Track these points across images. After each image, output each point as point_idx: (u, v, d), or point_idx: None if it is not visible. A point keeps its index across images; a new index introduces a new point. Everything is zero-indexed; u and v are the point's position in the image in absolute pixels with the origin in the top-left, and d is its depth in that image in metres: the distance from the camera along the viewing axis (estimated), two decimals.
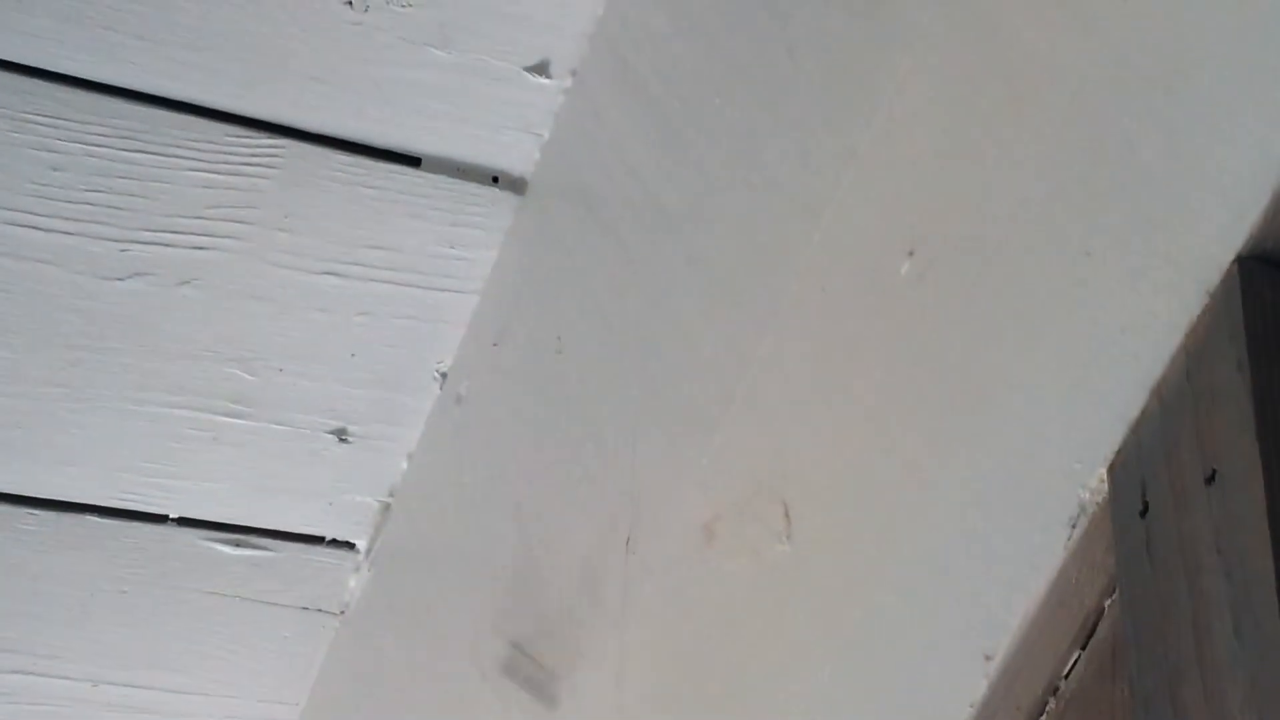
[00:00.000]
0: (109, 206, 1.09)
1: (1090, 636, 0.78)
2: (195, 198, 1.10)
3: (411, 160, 1.13)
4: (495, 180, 1.15)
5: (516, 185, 1.15)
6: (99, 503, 1.18)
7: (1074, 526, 0.77)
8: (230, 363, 1.15)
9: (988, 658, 0.80)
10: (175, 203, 1.10)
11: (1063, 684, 0.79)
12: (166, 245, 1.10)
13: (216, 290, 1.12)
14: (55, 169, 1.06)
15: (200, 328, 1.13)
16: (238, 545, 1.23)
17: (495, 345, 1.15)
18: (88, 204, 1.08)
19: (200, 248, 1.11)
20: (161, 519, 1.20)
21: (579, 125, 1.12)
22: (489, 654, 1.09)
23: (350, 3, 1.05)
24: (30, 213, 1.07)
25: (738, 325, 0.97)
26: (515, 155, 1.14)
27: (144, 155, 1.08)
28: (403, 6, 1.06)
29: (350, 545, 1.25)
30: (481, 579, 1.14)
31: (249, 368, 1.16)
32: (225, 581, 1.24)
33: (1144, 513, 0.74)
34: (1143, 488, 0.74)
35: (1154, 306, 0.75)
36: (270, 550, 1.24)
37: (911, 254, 0.86)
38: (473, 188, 1.14)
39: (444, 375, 1.19)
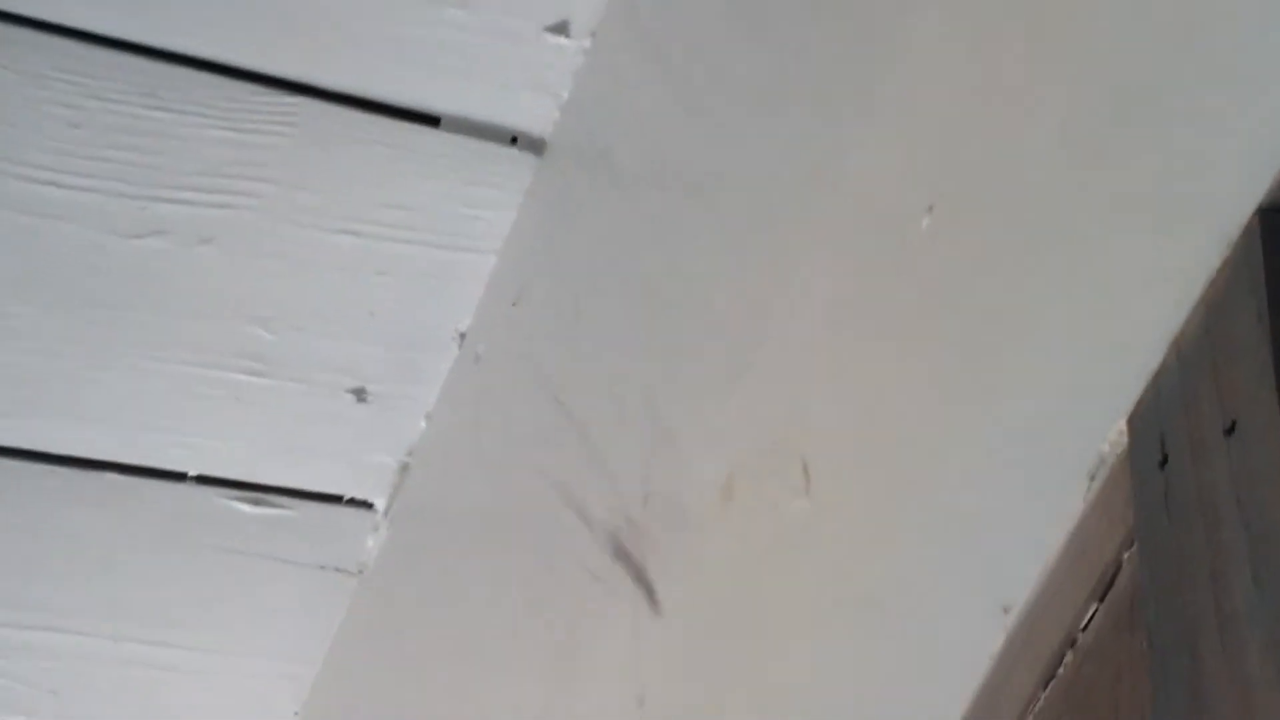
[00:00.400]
0: (128, 164, 1.09)
1: (1109, 589, 0.78)
2: (214, 156, 1.10)
3: (430, 120, 1.13)
4: (514, 140, 1.15)
5: (535, 145, 1.15)
6: (118, 460, 1.19)
7: (1093, 479, 0.77)
8: (249, 321, 1.15)
9: (1006, 610, 0.80)
10: (194, 161, 1.10)
11: (1080, 636, 0.79)
12: (185, 204, 1.10)
13: (235, 249, 1.13)
14: (74, 126, 1.07)
15: (219, 286, 1.14)
16: (256, 504, 1.23)
17: (514, 305, 1.15)
18: (106, 161, 1.08)
19: (219, 206, 1.11)
20: (180, 477, 1.20)
21: (598, 85, 1.12)
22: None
23: None
24: (49, 170, 1.07)
25: (756, 284, 0.97)
26: (534, 115, 1.14)
27: (163, 113, 1.08)
28: None
29: (368, 504, 1.26)
30: (497, 539, 1.14)
31: (268, 326, 1.16)
32: (243, 540, 1.24)
33: (1163, 464, 0.74)
34: (1162, 439, 0.74)
35: (1173, 259, 0.74)
36: (288, 509, 1.24)
37: (931, 209, 0.86)
38: (491, 148, 1.14)
39: (462, 335, 1.20)
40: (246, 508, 1.23)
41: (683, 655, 0.98)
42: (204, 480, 1.21)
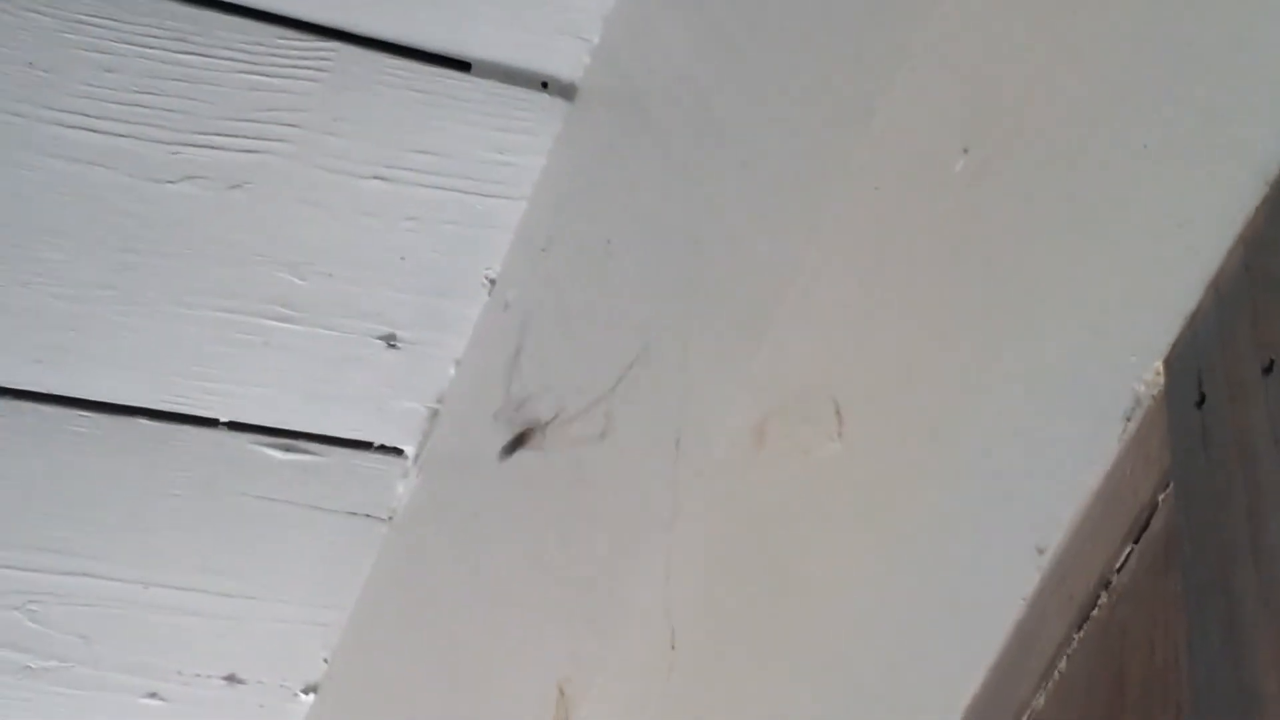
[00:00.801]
0: (160, 109, 1.09)
1: (1144, 530, 0.78)
2: (246, 101, 1.10)
3: (461, 65, 1.13)
4: (545, 86, 1.15)
5: (566, 91, 1.15)
6: (150, 406, 1.19)
7: (1129, 419, 0.77)
8: (280, 267, 1.15)
9: (1040, 551, 0.80)
10: (226, 106, 1.10)
11: (1115, 577, 0.79)
12: (217, 149, 1.10)
13: (266, 194, 1.13)
14: (107, 70, 1.06)
15: (250, 232, 1.14)
16: (287, 450, 1.23)
17: (544, 251, 1.15)
18: (139, 106, 1.08)
19: (250, 151, 1.11)
20: (211, 423, 1.21)
21: (629, 30, 1.12)
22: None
23: None
24: (82, 114, 1.07)
25: (789, 228, 0.97)
26: (565, 61, 1.14)
27: (195, 57, 1.08)
28: None
29: (398, 451, 1.26)
30: (530, 484, 1.14)
31: (298, 272, 1.16)
32: (274, 486, 1.24)
33: (1200, 404, 0.74)
34: (1199, 379, 0.74)
35: (1211, 199, 0.74)
36: (319, 455, 1.24)
37: (966, 151, 0.86)
38: (522, 93, 1.14)
39: (492, 281, 1.20)
40: (277, 454, 1.23)
41: (715, 599, 0.98)
42: (235, 426, 1.21)
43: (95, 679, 1.29)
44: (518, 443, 1.12)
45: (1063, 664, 0.80)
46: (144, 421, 1.19)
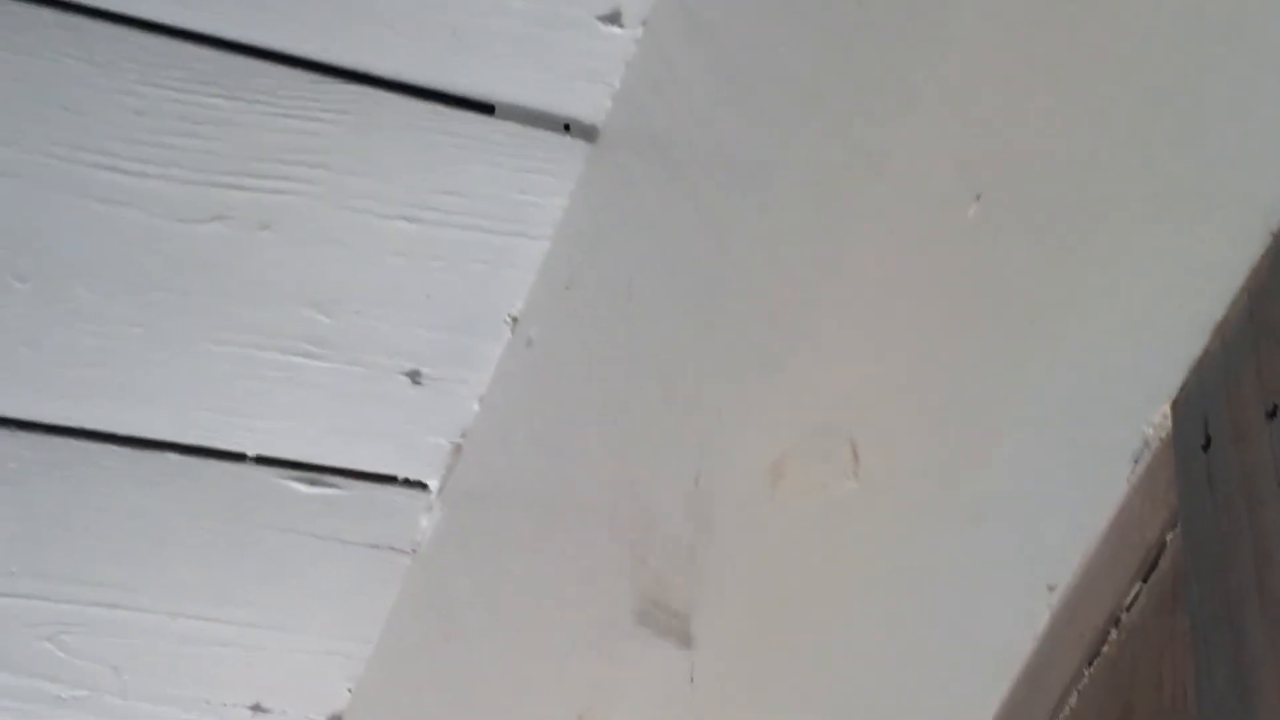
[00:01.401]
0: (190, 150, 1.11)
1: (1152, 569, 0.80)
2: (273, 143, 1.12)
3: (485, 108, 1.15)
4: (567, 128, 1.17)
5: (588, 133, 1.17)
6: (178, 440, 1.21)
7: (1137, 461, 0.79)
8: (307, 305, 1.18)
9: (1050, 588, 0.81)
10: (254, 148, 1.12)
11: (1124, 615, 0.80)
12: (245, 190, 1.13)
13: (294, 234, 1.15)
14: (140, 114, 1.09)
15: (278, 271, 1.16)
16: (312, 484, 1.25)
17: (566, 290, 1.17)
18: (170, 148, 1.11)
19: (278, 192, 1.13)
20: (239, 457, 1.23)
21: (650, 74, 1.14)
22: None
23: None
24: (115, 156, 1.10)
25: (805, 270, 0.99)
26: (587, 104, 1.16)
27: (224, 101, 1.10)
28: None
29: (422, 485, 1.28)
30: (550, 518, 1.16)
31: (325, 310, 1.18)
32: (300, 519, 1.27)
33: (1206, 447, 0.76)
34: (1205, 423, 0.76)
35: (1218, 247, 0.76)
36: (344, 489, 1.26)
37: (979, 198, 0.88)
38: (545, 135, 1.16)
39: (515, 320, 1.22)
40: (303, 487, 1.25)
41: (733, 634, 1.00)
42: (262, 460, 1.24)
43: (124, 708, 1.31)
44: None
45: (1073, 700, 0.82)
46: (172, 455, 1.21)
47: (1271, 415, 0.73)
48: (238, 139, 1.12)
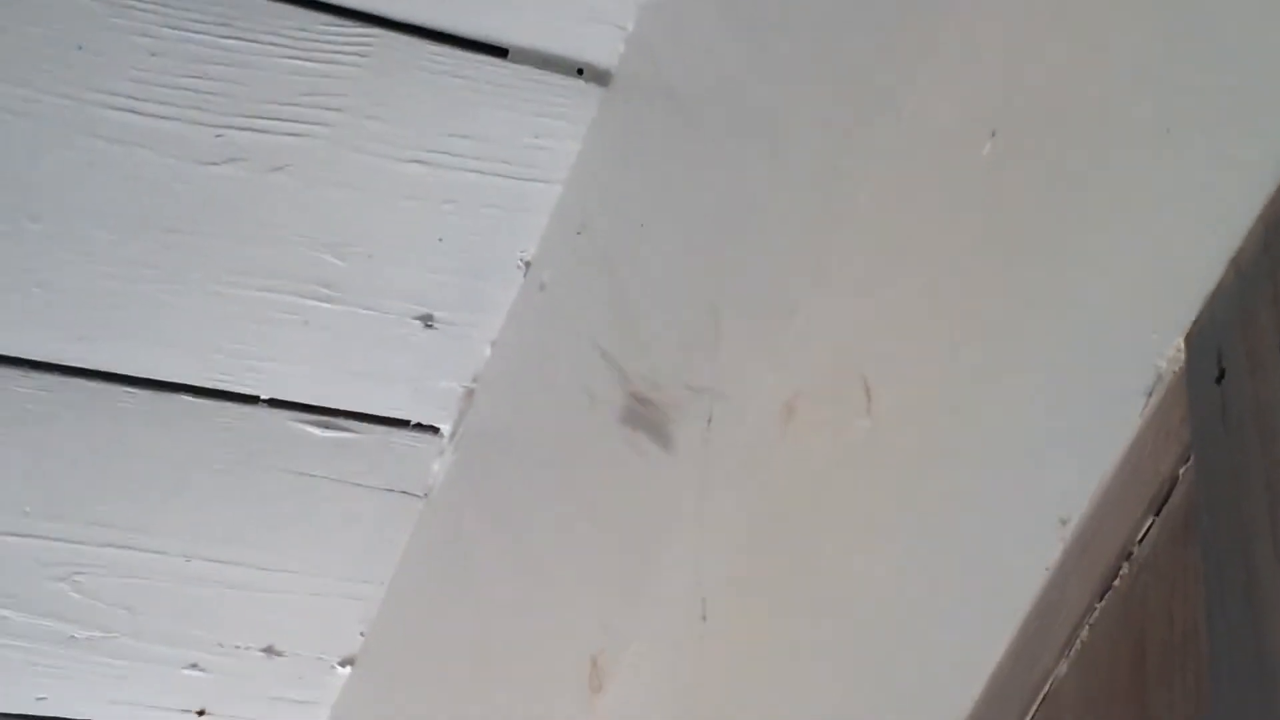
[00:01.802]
0: (204, 93, 1.11)
1: (1165, 503, 0.80)
2: (288, 85, 1.12)
3: (499, 51, 1.15)
4: (580, 72, 1.17)
5: (601, 77, 1.17)
6: (192, 382, 1.21)
7: (1151, 395, 0.79)
8: (320, 248, 1.18)
9: (1063, 522, 0.82)
10: (269, 90, 1.12)
11: (1136, 549, 0.81)
12: (260, 131, 1.13)
13: (307, 177, 1.15)
14: (153, 54, 1.09)
15: (291, 213, 1.16)
16: (325, 427, 1.26)
17: (579, 234, 1.18)
18: (184, 90, 1.10)
19: (292, 134, 1.13)
20: (252, 400, 1.23)
21: (663, 18, 1.14)
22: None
23: None
24: (128, 97, 1.10)
25: (819, 211, 0.99)
26: (600, 48, 1.16)
27: (239, 42, 1.10)
28: None
29: (434, 429, 1.29)
30: (564, 462, 1.17)
31: (339, 253, 1.18)
32: (313, 462, 1.27)
33: (1220, 379, 0.76)
34: (1219, 355, 0.76)
35: (1232, 180, 0.76)
36: (357, 433, 1.27)
37: (994, 135, 0.88)
38: (558, 79, 1.16)
39: (528, 263, 1.22)
40: (316, 431, 1.26)
41: (744, 572, 1.00)
42: (275, 404, 1.24)
43: (138, 649, 1.32)
44: None
45: (1084, 633, 0.82)
46: (186, 398, 1.22)
47: None
48: (252, 81, 1.12)
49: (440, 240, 1.20)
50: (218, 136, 1.12)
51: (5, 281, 1.13)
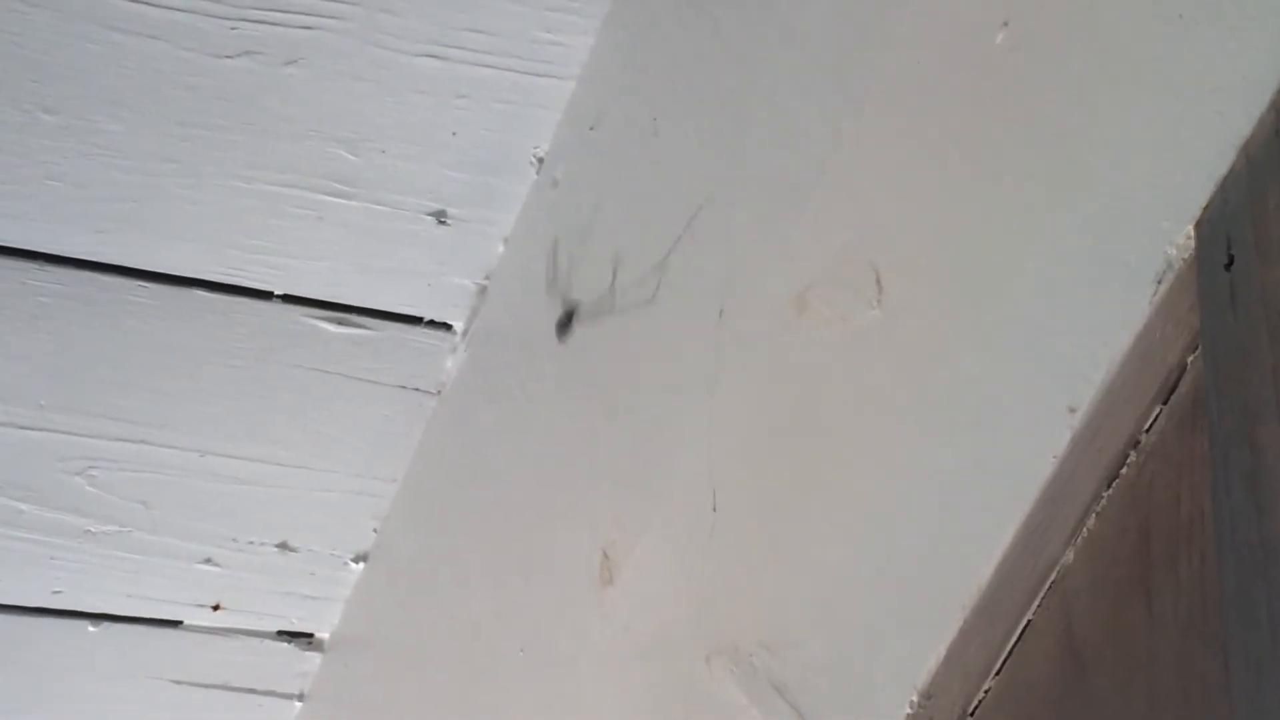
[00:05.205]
0: None
1: (1173, 391, 0.80)
2: None
3: None
4: None
5: None
6: (206, 277, 1.22)
7: (1160, 283, 0.79)
8: (334, 142, 1.18)
9: (1071, 410, 0.82)
10: None
11: (1144, 437, 0.81)
12: (273, 24, 1.13)
13: (321, 70, 1.15)
14: None
15: (305, 107, 1.16)
16: (339, 323, 1.26)
17: (591, 129, 1.18)
18: None
19: (306, 27, 1.13)
20: (266, 295, 1.24)
21: None
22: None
23: None
24: None
25: (831, 100, 0.99)
26: None
27: None
28: None
29: (447, 326, 1.29)
30: (576, 356, 1.17)
31: (352, 148, 1.19)
32: (327, 359, 1.28)
33: (1229, 265, 0.76)
34: (1228, 242, 0.76)
35: (1244, 66, 0.76)
36: (370, 329, 1.27)
37: (1006, 24, 0.88)
38: None
39: (540, 160, 1.22)
40: (330, 327, 1.26)
41: (756, 463, 1.01)
42: (289, 299, 1.25)
43: (153, 544, 1.33)
44: (569, 317, 1.14)
45: (1091, 521, 0.83)
46: (201, 292, 1.22)
47: None
48: None
49: (454, 135, 1.20)
50: (232, 29, 1.12)
51: (21, 174, 1.14)
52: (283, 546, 1.36)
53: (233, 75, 1.13)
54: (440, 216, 1.23)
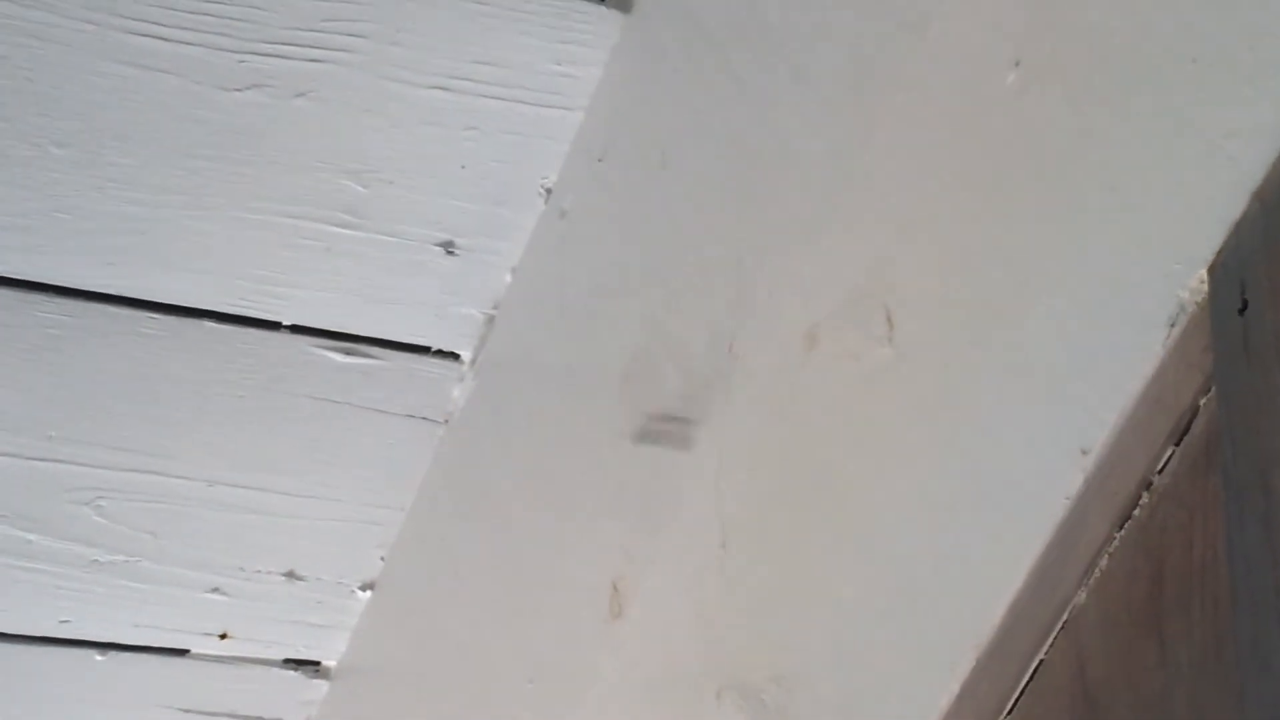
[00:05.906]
0: (228, 18, 1.11)
1: (1185, 433, 0.81)
2: (311, 11, 1.12)
3: None
4: None
5: (623, 3, 1.17)
6: (215, 308, 1.22)
7: (1173, 326, 0.79)
8: (343, 174, 1.18)
9: (1084, 452, 0.82)
10: (292, 15, 1.12)
11: (1156, 479, 0.81)
12: (283, 57, 1.13)
13: (330, 103, 1.15)
14: None
15: (314, 139, 1.16)
16: (347, 353, 1.26)
17: (600, 161, 1.18)
18: (208, 15, 1.10)
19: (315, 60, 1.13)
20: (274, 326, 1.24)
21: None
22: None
23: None
24: (153, 23, 1.10)
25: (842, 138, 0.99)
26: None
27: None
28: None
29: (455, 355, 1.29)
30: (584, 389, 1.17)
31: (361, 179, 1.19)
32: (334, 389, 1.28)
33: (1243, 310, 0.76)
34: (1242, 286, 0.77)
35: (1258, 112, 0.76)
36: (378, 359, 1.27)
37: (1018, 64, 0.88)
38: (580, 5, 1.16)
39: (549, 190, 1.22)
40: (338, 357, 1.26)
41: (764, 499, 1.01)
42: (297, 329, 1.25)
43: (160, 573, 1.33)
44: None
45: (1104, 562, 0.83)
46: (209, 323, 1.23)
47: None
48: (275, 6, 1.12)
49: (462, 167, 1.20)
50: (241, 62, 1.12)
51: (31, 207, 1.14)
52: (290, 575, 1.36)
53: (242, 108, 1.14)
54: (448, 247, 1.23)
